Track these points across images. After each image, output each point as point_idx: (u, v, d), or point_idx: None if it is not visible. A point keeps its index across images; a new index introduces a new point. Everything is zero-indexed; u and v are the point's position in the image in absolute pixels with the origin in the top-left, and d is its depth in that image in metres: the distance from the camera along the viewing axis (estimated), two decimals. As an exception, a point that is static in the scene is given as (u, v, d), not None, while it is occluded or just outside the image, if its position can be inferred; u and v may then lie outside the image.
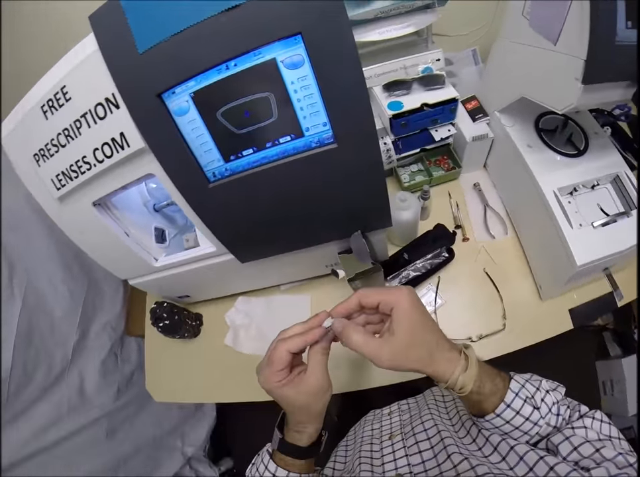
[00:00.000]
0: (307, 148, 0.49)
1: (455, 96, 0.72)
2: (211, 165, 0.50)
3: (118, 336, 1.16)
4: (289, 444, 0.43)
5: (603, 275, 0.67)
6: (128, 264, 0.72)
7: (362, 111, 0.47)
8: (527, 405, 0.39)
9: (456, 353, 0.39)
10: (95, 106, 0.47)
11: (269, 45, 0.41)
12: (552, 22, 0.52)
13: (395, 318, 0.38)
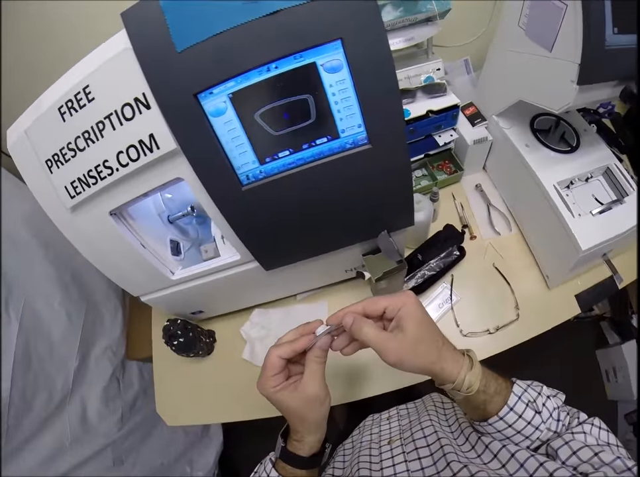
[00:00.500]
0: (341, 149, 0.51)
1: (457, 102, 0.77)
2: (245, 167, 0.51)
3: (119, 360, 1.11)
4: (291, 453, 0.43)
5: (602, 261, 0.72)
6: (144, 278, 0.70)
7: (395, 113, 0.49)
8: (529, 409, 0.39)
9: (459, 354, 0.40)
10: (122, 106, 0.46)
11: (310, 49, 0.43)
12: (547, 32, 0.58)
13: (403, 317, 0.39)
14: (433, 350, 0.39)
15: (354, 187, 0.55)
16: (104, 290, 1.14)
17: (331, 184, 0.54)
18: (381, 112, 0.49)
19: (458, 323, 0.77)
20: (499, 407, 0.39)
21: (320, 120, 0.48)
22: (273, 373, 0.42)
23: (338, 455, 0.58)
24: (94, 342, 1.05)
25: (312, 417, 0.42)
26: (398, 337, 0.38)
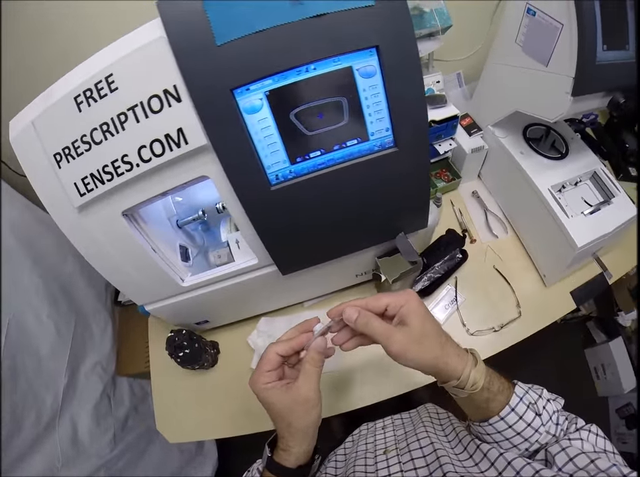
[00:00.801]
0: (370, 151, 0.53)
1: (456, 113, 0.82)
2: (275, 166, 0.51)
3: (110, 377, 1.05)
4: (276, 463, 0.41)
5: (592, 260, 0.78)
6: (152, 286, 0.66)
7: (420, 119, 0.52)
8: (529, 411, 0.40)
9: (463, 351, 0.41)
10: (149, 98, 0.44)
11: (348, 54, 0.45)
12: (543, 48, 0.64)
13: (406, 313, 0.39)
14: (437, 344, 0.39)
15: (378, 188, 0.57)
16: (93, 303, 1.08)
17: (357, 185, 0.55)
18: (408, 117, 0.51)
19: (464, 323, 0.80)
20: (501, 407, 0.39)
21: (352, 122, 0.50)
22: (269, 369, 0.42)
23: (330, 462, 0.57)
24: (83, 357, 0.98)
25: (299, 422, 0.41)
26: (403, 330, 0.39)
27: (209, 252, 0.74)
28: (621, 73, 0.61)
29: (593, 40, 0.58)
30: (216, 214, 0.75)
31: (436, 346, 0.39)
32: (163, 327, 0.87)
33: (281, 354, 0.42)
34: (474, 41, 0.81)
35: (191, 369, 0.80)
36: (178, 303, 0.70)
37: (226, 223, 0.76)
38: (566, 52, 0.60)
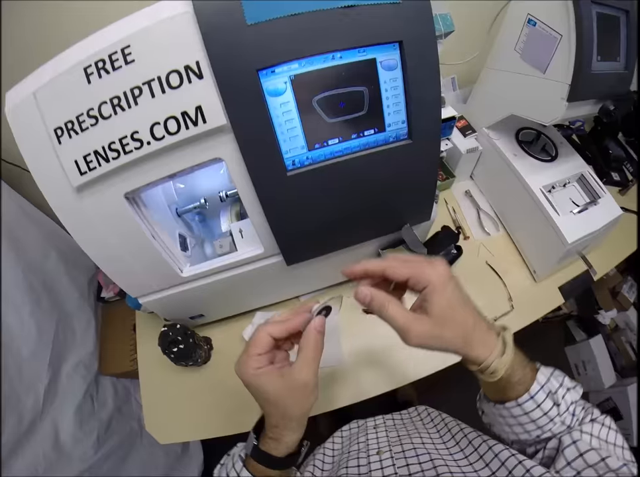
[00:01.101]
0: (385, 141, 0.54)
1: (454, 114, 0.85)
2: (292, 152, 0.50)
3: (92, 376, 1.01)
4: (264, 453, 0.38)
5: (579, 258, 0.83)
6: (150, 276, 0.63)
7: (435, 113, 0.54)
8: (548, 400, 0.38)
9: (493, 336, 0.36)
10: (168, 73, 0.42)
11: (374, 46, 0.46)
12: (542, 56, 0.68)
13: (429, 299, 0.34)
14: (460, 336, 0.35)
15: (390, 179, 0.58)
16: (75, 300, 1.04)
17: (371, 175, 0.56)
18: (424, 111, 0.53)
19: (459, 317, 0.82)
20: (520, 394, 0.38)
21: (371, 112, 0.51)
22: (259, 352, 0.37)
23: (317, 454, 0.55)
24: (65, 356, 0.94)
25: (295, 410, 0.37)
26: (422, 321, 0.34)
27: (208, 242, 0.72)
28: (612, 83, 0.66)
29: (589, 51, 0.62)
30: (215, 205, 0.73)
31: (459, 338, 0.35)
32: (153, 322, 0.83)
33: (274, 336, 0.38)
34: (472, 47, 0.84)
35: (184, 365, 0.77)
36: (175, 295, 0.68)
37: (226, 213, 0.74)
38: (564, 60, 0.64)
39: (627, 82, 0.71)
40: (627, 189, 1.03)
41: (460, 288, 0.36)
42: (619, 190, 1.04)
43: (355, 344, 0.79)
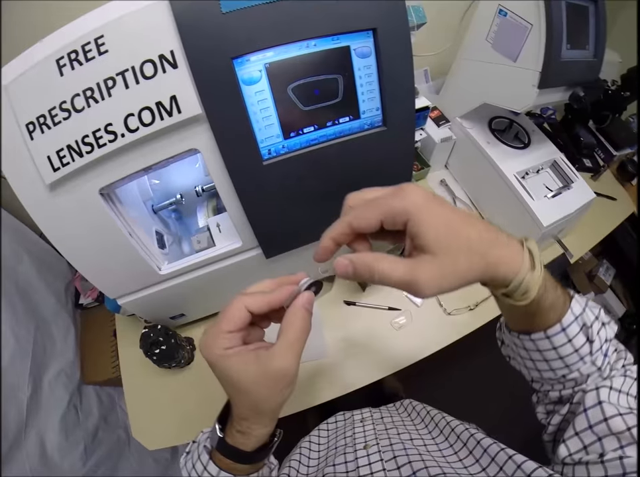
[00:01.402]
0: (360, 129, 0.55)
1: (428, 104, 0.86)
2: (268, 141, 0.50)
3: (75, 385, 0.97)
4: (230, 447, 0.33)
5: (554, 242, 0.85)
6: (128, 275, 0.61)
7: (409, 100, 0.55)
8: (581, 335, 0.33)
9: (517, 247, 0.29)
10: (142, 63, 0.41)
11: (348, 34, 0.47)
12: (513, 45, 0.70)
13: (418, 232, 0.27)
14: (476, 257, 0.27)
15: (367, 166, 0.58)
16: (52, 306, 1.00)
17: (347, 162, 0.56)
18: (398, 98, 0.54)
19: (441, 303, 0.83)
20: (549, 323, 0.32)
21: (345, 100, 0.51)
22: (231, 329, 0.30)
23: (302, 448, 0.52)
24: (46, 366, 0.90)
25: (269, 404, 0.31)
26: (424, 260, 0.27)
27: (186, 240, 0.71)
28: (582, 70, 0.68)
29: (559, 39, 0.65)
30: (191, 200, 0.71)
31: (476, 260, 0.27)
32: (133, 325, 0.82)
33: (252, 311, 0.31)
34: (444, 39, 0.86)
35: (167, 367, 0.75)
36: (153, 295, 0.66)
37: (203, 208, 0.73)
38: (534, 49, 0.66)
39: (596, 70, 0.74)
40: (599, 174, 1.07)
41: (448, 204, 0.28)
42: (591, 176, 1.07)
43: (337, 337, 0.79)
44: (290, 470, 0.46)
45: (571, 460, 0.32)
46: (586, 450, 0.32)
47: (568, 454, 0.33)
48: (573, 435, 0.33)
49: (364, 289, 0.83)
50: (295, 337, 0.30)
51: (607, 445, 0.30)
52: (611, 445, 0.30)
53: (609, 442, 0.30)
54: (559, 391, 0.37)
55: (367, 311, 0.81)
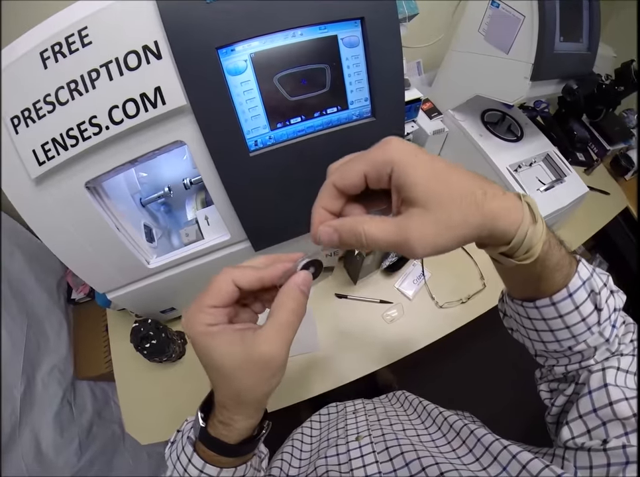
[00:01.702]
0: (348, 119, 0.54)
1: (419, 96, 0.85)
2: (254, 132, 0.50)
3: (69, 381, 0.97)
4: (212, 438, 0.30)
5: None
6: (116, 269, 0.61)
7: (398, 91, 0.54)
8: (588, 302, 0.31)
9: (514, 199, 0.26)
10: (125, 54, 0.41)
11: (335, 23, 0.46)
12: (505, 37, 0.69)
13: (405, 183, 0.24)
14: (472, 209, 0.24)
15: (355, 157, 0.57)
16: (45, 302, 0.99)
17: (335, 154, 0.54)
18: (387, 89, 0.54)
19: (433, 296, 0.83)
20: (555, 288, 0.30)
21: (333, 90, 0.51)
22: (215, 304, 0.27)
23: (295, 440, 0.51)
24: (39, 362, 0.90)
25: (253, 393, 0.28)
26: (416, 216, 0.24)
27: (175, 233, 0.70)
28: (575, 63, 0.68)
29: (552, 31, 0.64)
30: (180, 193, 0.71)
31: (472, 212, 0.24)
32: (124, 320, 0.81)
33: (240, 286, 0.28)
34: (436, 30, 0.85)
35: (159, 361, 0.75)
36: (143, 289, 0.66)
37: (192, 200, 0.72)
38: (527, 40, 0.66)
39: (590, 63, 0.73)
40: (592, 168, 1.07)
41: (434, 156, 0.26)
42: (585, 170, 1.07)
43: (329, 330, 0.79)
44: (282, 463, 0.46)
45: (573, 444, 0.31)
46: (590, 435, 0.31)
47: (570, 437, 0.32)
48: (577, 418, 0.32)
49: (356, 281, 0.83)
50: (286, 320, 0.27)
51: (611, 431, 0.29)
52: (615, 431, 0.29)
53: (613, 427, 0.29)
54: (565, 366, 0.36)
55: (359, 304, 0.82)
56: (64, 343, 1.02)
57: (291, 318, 0.27)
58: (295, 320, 0.27)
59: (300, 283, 0.28)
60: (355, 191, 0.27)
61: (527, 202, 0.27)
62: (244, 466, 0.32)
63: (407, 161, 0.24)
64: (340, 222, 0.26)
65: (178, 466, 0.32)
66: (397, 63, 0.52)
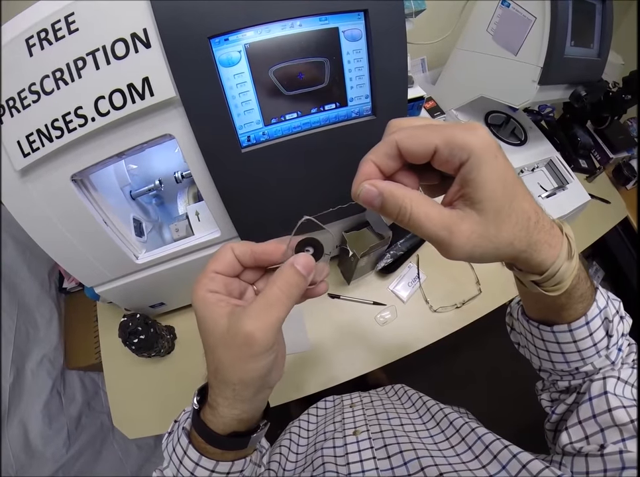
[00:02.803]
0: (347, 117, 0.52)
1: (422, 94, 0.83)
2: (247, 127, 0.48)
3: (58, 371, 0.96)
4: (201, 422, 0.29)
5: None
6: (103, 264, 0.59)
7: (401, 89, 0.52)
8: (601, 329, 0.32)
9: (558, 232, 0.26)
10: (113, 42, 0.39)
11: (337, 14, 0.44)
12: (515, 38, 0.67)
13: (475, 179, 0.22)
14: (521, 231, 0.24)
15: (353, 157, 0.54)
16: (36, 291, 0.98)
17: (332, 152, 0.54)
18: (389, 86, 0.51)
19: (427, 300, 0.82)
20: (575, 317, 0.31)
21: (332, 85, 0.49)
22: (217, 269, 0.27)
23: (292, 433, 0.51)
24: (29, 352, 0.89)
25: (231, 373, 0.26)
26: (469, 218, 0.23)
27: (166, 226, 0.68)
28: (585, 69, 0.66)
29: (563, 35, 0.62)
30: (172, 186, 0.69)
31: (521, 237, 0.24)
32: (114, 313, 0.80)
33: (235, 254, 0.28)
34: (443, 28, 0.83)
35: (147, 357, 0.74)
36: (131, 284, 0.64)
37: (183, 194, 0.70)
38: (537, 43, 0.64)
39: (600, 70, 0.71)
40: (594, 176, 1.06)
41: (508, 163, 0.23)
42: (586, 177, 1.06)
43: (321, 330, 0.78)
44: (280, 457, 0.45)
45: (572, 448, 0.32)
46: (587, 440, 0.31)
47: (569, 441, 0.32)
48: (576, 423, 0.33)
49: (349, 282, 0.81)
50: (273, 296, 0.25)
51: (609, 437, 0.30)
52: (612, 437, 0.30)
53: (610, 433, 0.30)
54: (568, 382, 0.37)
55: (351, 305, 0.80)
56: (55, 333, 1.01)
57: (279, 295, 0.25)
58: (284, 298, 0.25)
59: (295, 261, 0.26)
60: (416, 159, 0.24)
61: (567, 236, 0.27)
62: (243, 461, 0.31)
63: (487, 159, 0.22)
64: (389, 188, 0.24)
65: (174, 458, 0.31)
66: (402, 60, 0.50)
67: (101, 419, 1.06)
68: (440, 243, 0.23)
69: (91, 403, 1.06)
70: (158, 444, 1.20)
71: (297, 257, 0.27)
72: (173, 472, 0.31)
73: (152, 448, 1.18)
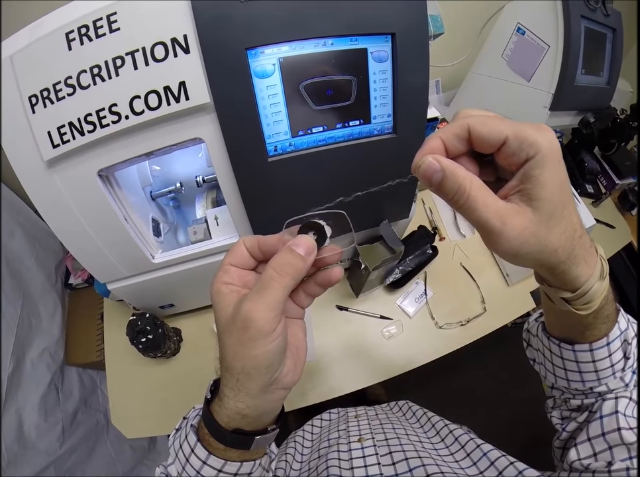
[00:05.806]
0: (369, 134, 0.54)
1: (437, 115, 0.85)
2: (275, 137, 0.49)
3: (58, 365, 0.97)
4: (208, 412, 0.29)
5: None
6: (120, 260, 0.60)
7: (421, 110, 0.54)
8: (620, 351, 0.32)
9: (594, 251, 0.27)
10: (153, 45, 0.40)
11: (366, 36, 0.46)
12: (528, 65, 0.70)
13: (540, 173, 0.22)
14: (567, 239, 0.24)
15: (372, 172, 0.57)
16: (42, 283, 0.99)
17: (353, 167, 0.55)
18: (410, 106, 0.53)
19: (433, 316, 0.82)
20: (597, 337, 0.32)
21: (358, 103, 0.50)
22: (231, 262, 0.28)
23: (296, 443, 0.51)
24: (30, 343, 0.89)
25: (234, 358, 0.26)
26: (524, 213, 0.23)
27: (182, 229, 0.69)
28: (594, 96, 0.68)
29: (575, 63, 0.65)
30: (191, 190, 0.70)
31: (565, 245, 0.24)
32: (121, 311, 0.81)
33: (246, 246, 0.29)
34: (459, 51, 0.86)
35: (152, 357, 0.74)
36: (145, 283, 0.65)
37: (202, 199, 0.72)
38: (549, 70, 0.67)
39: (609, 97, 0.74)
40: (600, 201, 1.08)
41: (565, 169, 0.24)
42: (592, 202, 1.08)
43: (327, 340, 0.78)
44: (286, 465, 0.45)
45: (580, 465, 0.32)
46: (596, 457, 0.32)
47: (577, 458, 0.33)
48: (585, 440, 0.33)
49: (358, 295, 0.82)
50: (269, 277, 0.25)
51: (617, 454, 0.31)
52: (620, 455, 0.30)
53: (619, 451, 0.31)
54: (581, 400, 0.37)
55: (358, 318, 0.81)
56: (57, 326, 1.01)
57: (272, 275, 0.25)
58: (277, 277, 0.25)
59: (292, 243, 0.27)
60: (484, 147, 0.24)
61: (601, 257, 0.27)
62: (252, 464, 0.30)
63: (552, 160, 0.22)
64: (453, 166, 0.24)
65: (180, 455, 0.30)
66: (423, 82, 0.52)
67: (96, 417, 1.06)
68: (491, 232, 0.23)
69: (87, 401, 1.05)
70: (152, 447, 1.19)
71: (296, 240, 0.27)
72: (179, 469, 0.30)
73: (146, 450, 1.17)
